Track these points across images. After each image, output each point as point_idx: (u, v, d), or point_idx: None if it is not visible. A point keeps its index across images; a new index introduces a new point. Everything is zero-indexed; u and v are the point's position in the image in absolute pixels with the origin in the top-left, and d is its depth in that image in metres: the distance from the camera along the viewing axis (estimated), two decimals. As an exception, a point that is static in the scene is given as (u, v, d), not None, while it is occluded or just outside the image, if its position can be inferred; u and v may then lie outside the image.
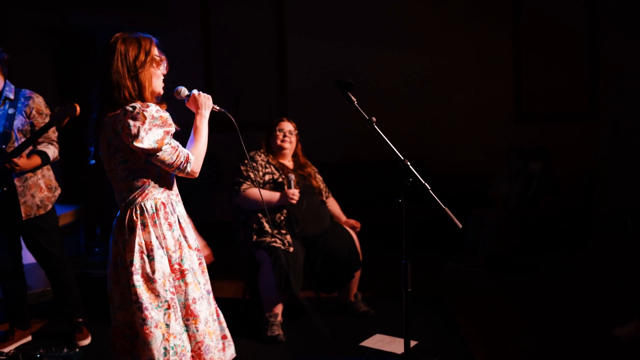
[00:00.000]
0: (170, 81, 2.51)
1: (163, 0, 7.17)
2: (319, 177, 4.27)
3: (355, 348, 3.59)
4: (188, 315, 2.32)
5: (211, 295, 2.46)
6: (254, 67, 7.27)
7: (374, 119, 2.37)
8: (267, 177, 3.94)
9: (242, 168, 3.94)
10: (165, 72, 2.43)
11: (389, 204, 6.32)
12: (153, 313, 2.23)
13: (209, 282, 2.47)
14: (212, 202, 7.12)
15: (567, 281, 4.81)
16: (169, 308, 2.26)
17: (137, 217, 2.27)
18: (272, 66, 7.28)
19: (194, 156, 2.32)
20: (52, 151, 3.59)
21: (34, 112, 3.58)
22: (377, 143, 6.69)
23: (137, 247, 2.25)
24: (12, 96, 3.60)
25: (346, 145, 7.07)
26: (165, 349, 2.24)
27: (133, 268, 2.24)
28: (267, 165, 4.00)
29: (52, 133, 3.65)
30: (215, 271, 4.84)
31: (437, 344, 3.65)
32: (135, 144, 2.19)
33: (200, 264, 2.43)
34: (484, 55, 6.95)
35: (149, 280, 2.24)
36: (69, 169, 6.36)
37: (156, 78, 2.37)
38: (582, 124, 6.95)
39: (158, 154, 2.23)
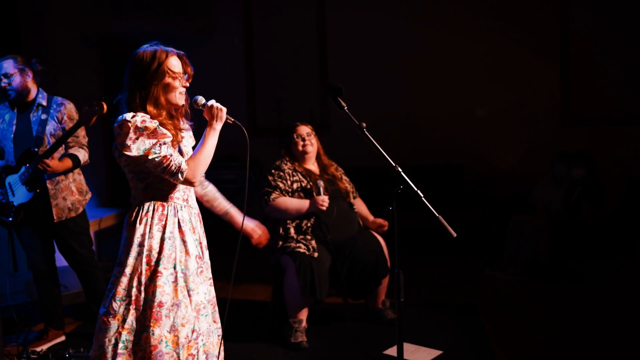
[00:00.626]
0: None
1: (208, 7, 7.28)
2: (345, 179, 4.22)
3: (379, 356, 3.53)
4: (151, 317, 2.30)
5: (208, 308, 2.44)
6: (296, 72, 7.29)
7: (364, 124, 2.32)
8: (295, 186, 3.92)
9: (270, 178, 3.93)
10: (184, 84, 2.45)
11: (423, 209, 6.27)
12: (115, 305, 2.32)
13: (211, 293, 2.48)
14: (253, 205, 7.15)
15: (611, 292, 4.60)
16: (130, 304, 2.31)
17: (133, 215, 2.39)
18: (314, 70, 7.28)
19: (189, 165, 2.32)
20: (83, 155, 3.69)
21: (65, 118, 3.68)
22: (421, 147, 6.74)
23: (123, 241, 2.39)
24: (44, 103, 3.72)
25: (387, 150, 6.96)
26: (116, 339, 2.29)
27: (118, 260, 2.38)
28: (294, 173, 3.97)
29: (83, 138, 3.75)
30: (252, 274, 4.90)
31: (462, 355, 3.54)
32: (124, 151, 2.28)
33: (201, 272, 2.43)
34: (529, 52, 6.74)
35: (121, 274, 2.34)
36: (112, 172, 6.53)
37: (171, 90, 2.39)
38: (631, 128, 6.64)
39: (146, 162, 2.29)
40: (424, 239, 5.87)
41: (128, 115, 2.30)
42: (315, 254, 3.73)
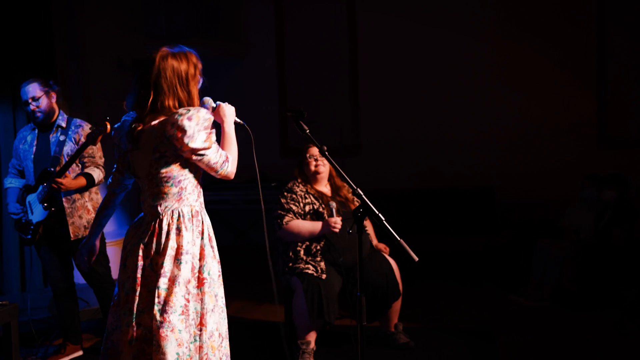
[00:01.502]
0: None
1: (241, 30, 7.42)
2: (357, 201, 4.20)
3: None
4: (201, 325, 2.35)
5: (224, 312, 2.48)
6: (327, 93, 7.33)
7: (325, 147, 2.33)
8: (307, 208, 3.93)
9: (283, 200, 3.96)
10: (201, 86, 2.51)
11: (452, 232, 6.18)
12: (171, 317, 2.26)
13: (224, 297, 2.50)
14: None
15: None
16: (182, 314, 2.29)
17: (173, 222, 2.35)
18: (345, 91, 7.30)
19: (232, 158, 2.43)
20: (97, 174, 3.80)
21: (82, 139, 3.81)
22: (451, 168, 6.65)
23: (169, 251, 2.31)
24: (64, 124, 3.86)
25: (418, 172, 6.92)
26: (177, 354, 2.26)
27: (162, 271, 2.29)
28: (307, 196, 3.99)
29: (99, 158, 3.87)
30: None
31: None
32: (190, 144, 2.27)
33: (219, 276, 2.47)
34: (565, 72, 6.57)
35: (174, 284, 2.29)
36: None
37: (197, 91, 2.45)
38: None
39: (207, 152, 2.32)
40: (449, 262, 5.79)
41: (191, 108, 2.31)
42: (324, 276, 3.72)
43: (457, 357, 3.85)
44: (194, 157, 2.33)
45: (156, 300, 2.28)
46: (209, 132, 2.33)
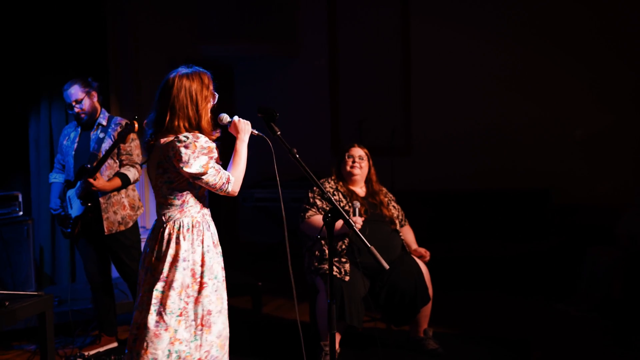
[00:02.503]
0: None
1: (293, 30, 7.45)
2: (393, 206, 4.13)
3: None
4: (201, 325, 2.51)
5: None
6: (379, 93, 7.26)
7: (295, 150, 2.28)
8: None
9: (310, 195, 3.95)
10: (214, 104, 2.63)
11: (500, 236, 5.98)
12: (166, 318, 2.45)
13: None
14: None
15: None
16: (180, 315, 2.47)
17: (173, 231, 2.51)
18: (397, 91, 7.20)
19: (234, 177, 2.55)
20: (133, 173, 3.90)
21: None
22: (506, 169, 6.43)
23: (168, 258, 2.49)
24: (104, 122, 3.98)
25: (469, 174, 6.74)
26: (169, 351, 2.45)
27: (161, 275, 2.48)
28: (336, 193, 3.96)
29: (137, 157, 3.96)
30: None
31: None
32: (185, 168, 2.44)
33: (223, 280, 2.61)
34: (633, 72, 6.22)
35: (170, 288, 2.47)
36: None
37: (209, 109, 2.58)
38: None
39: (204, 176, 2.47)
40: (495, 268, 5.60)
41: (189, 136, 2.46)
42: (347, 278, 3.68)
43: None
44: (192, 179, 2.49)
45: (153, 301, 2.46)
46: (209, 158, 2.47)
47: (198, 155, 2.45)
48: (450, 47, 6.86)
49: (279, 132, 2.36)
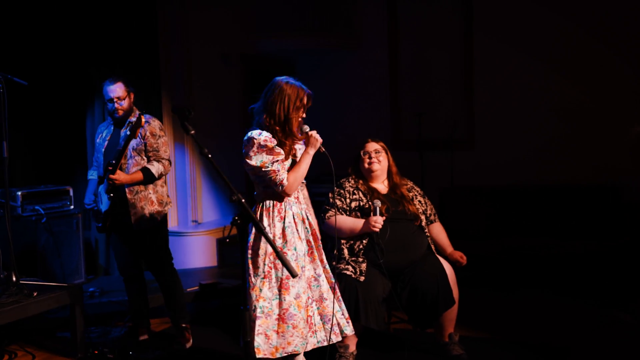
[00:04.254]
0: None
1: (353, 22, 7.33)
2: (419, 200, 3.94)
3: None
4: (281, 287, 2.97)
5: (319, 280, 3.09)
6: (440, 85, 7.02)
7: (207, 150, 2.17)
8: (353, 205, 3.78)
9: (330, 195, 3.85)
10: (304, 115, 3.09)
11: (563, 234, 5.60)
12: (253, 279, 2.99)
13: (319, 268, 3.11)
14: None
15: None
16: (264, 277, 2.98)
17: (259, 209, 3.06)
18: (458, 83, 6.92)
19: (289, 181, 2.99)
20: (157, 168, 3.95)
21: (147, 134, 3.98)
22: (572, 168, 6.03)
23: (254, 231, 3.02)
24: (134, 120, 4.06)
25: (536, 170, 6.38)
26: (255, 306, 2.96)
27: (248, 244, 3.02)
28: (355, 192, 3.83)
29: (164, 152, 4.02)
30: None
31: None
32: (246, 160, 2.97)
33: (311, 253, 3.09)
34: None
35: (255, 254, 3.00)
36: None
37: (297, 121, 3.05)
38: None
39: (259, 173, 2.96)
40: (554, 268, 5.26)
41: (255, 133, 2.97)
42: (362, 278, 3.55)
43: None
44: (251, 173, 3.02)
45: (246, 266, 2.99)
46: (270, 157, 2.93)
47: (257, 151, 2.93)
48: (515, 37, 6.51)
49: (192, 132, 2.27)
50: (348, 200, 3.80)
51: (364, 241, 3.68)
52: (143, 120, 3.72)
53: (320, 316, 3.09)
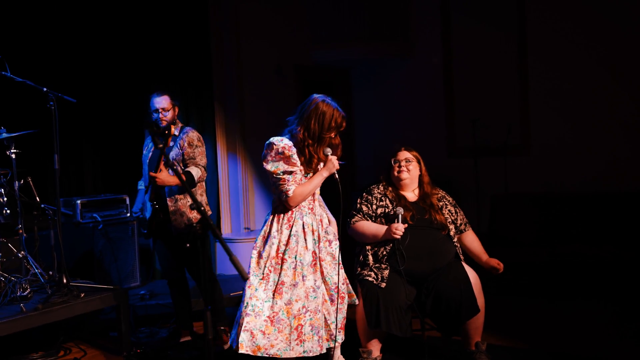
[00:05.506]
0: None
1: (407, 29, 7.37)
2: (449, 210, 3.94)
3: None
4: (275, 291, 3.14)
5: (317, 292, 3.19)
6: (495, 90, 6.93)
7: (175, 163, 2.26)
8: (379, 211, 3.84)
9: (358, 200, 3.92)
10: (335, 139, 3.31)
11: (607, 242, 5.39)
12: (251, 278, 3.17)
13: (319, 280, 3.23)
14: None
15: None
16: (262, 279, 3.16)
17: (272, 215, 3.27)
18: (514, 88, 6.80)
19: (294, 193, 3.16)
20: (196, 172, 4.14)
21: (185, 144, 4.21)
22: (630, 175, 5.81)
23: (262, 233, 3.27)
24: (177, 133, 4.31)
25: (592, 177, 6.18)
26: (247, 303, 3.12)
27: (255, 245, 3.27)
28: (383, 198, 3.88)
29: (200, 160, 4.23)
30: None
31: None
32: (263, 163, 3.20)
33: (314, 264, 3.21)
34: None
35: (259, 255, 3.22)
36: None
37: (329, 138, 3.26)
38: None
39: (271, 178, 3.19)
40: (597, 276, 5.08)
41: (277, 139, 3.18)
42: (383, 284, 3.60)
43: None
44: (269, 176, 3.22)
45: (249, 264, 3.24)
46: (284, 166, 3.13)
47: (274, 157, 3.15)
48: (569, 44, 6.35)
49: (160, 145, 2.40)
50: (374, 207, 3.86)
51: (388, 247, 3.73)
52: (173, 129, 3.95)
53: (311, 327, 3.15)
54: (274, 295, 3.12)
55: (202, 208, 2.28)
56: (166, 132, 3.93)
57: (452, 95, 7.22)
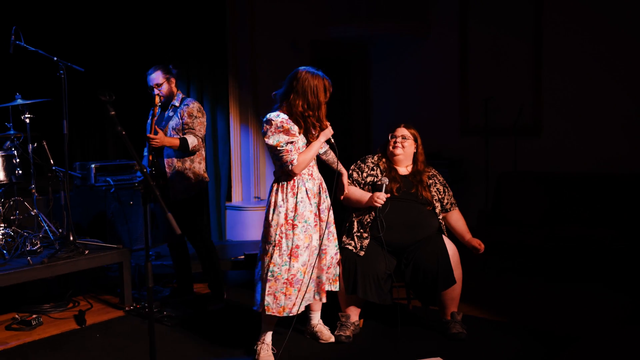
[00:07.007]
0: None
1: (424, 8, 7.39)
2: (438, 189, 4.03)
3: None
4: (291, 255, 3.38)
5: (319, 249, 3.51)
6: (509, 71, 6.92)
7: (120, 127, 2.43)
8: (368, 179, 3.97)
9: (352, 167, 4.06)
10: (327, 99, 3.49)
11: (613, 225, 5.39)
12: (266, 246, 3.43)
13: (323, 238, 3.53)
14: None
15: None
16: (275, 246, 3.38)
17: (275, 185, 3.47)
18: (528, 69, 6.78)
19: (298, 161, 3.36)
20: (192, 140, 4.33)
21: (185, 114, 4.41)
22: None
23: (270, 203, 3.46)
24: (177, 104, 4.51)
25: (609, 155, 6.17)
26: (266, 270, 3.38)
27: (265, 216, 3.48)
28: (375, 168, 4.01)
29: (198, 131, 4.42)
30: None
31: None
32: (265, 139, 3.39)
33: (316, 225, 3.48)
34: None
35: (268, 225, 3.43)
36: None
37: (325, 105, 3.47)
38: None
39: (274, 152, 3.35)
40: (595, 259, 5.13)
41: (274, 115, 3.37)
42: (362, 253, 3.77)
43: (504, 355, 3.56)
44: (270, 151, 3.42)
45: (262, 234, 3.52)
46: (285, 138, 3.32)
47: (275, 131, 3.33)
48: (586, 21, 6.30)
49: (112, 112, 2.57)
50: (364, 174, 4.00)
51: (372, 215, 3.87)
52: (157, 100, 4.21)
53: (313, 280, 3.53)
54: (290, 259, 3.36)
55: (145, 170, 2.48)
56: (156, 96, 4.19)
57: (467, 75, 7.24)
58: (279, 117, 3.35)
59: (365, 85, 8.00)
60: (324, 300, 3.65)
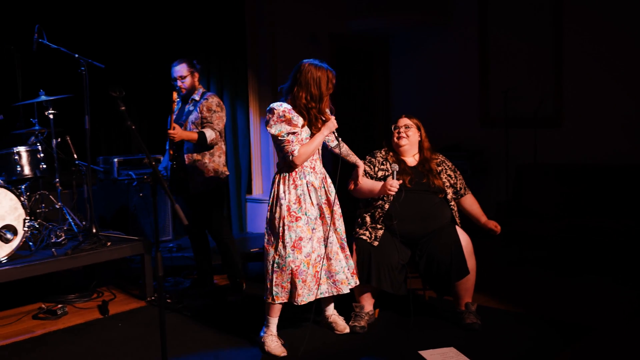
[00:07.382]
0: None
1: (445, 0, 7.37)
2: (449, 175, 4.06)
3: (410, 354, 3.47)
4: (294, 247, 3.42)
5: (328, 241, 3.54)
6: (529, 61, 6.86)
7: (130, 122, 2.49)
8: (380, 174, 4.02)
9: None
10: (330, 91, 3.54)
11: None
12: (270, 238, 3.51)
13: (330, 231, 3.55)
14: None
15: None
16: (279, 238, 3.43)
17: (277, 177, 3.51)
18: (548, 60, 6.72)
19: (299, 152, 3.38)
20: (210, 133, 4.42)
21: (204, 108, 4.50)
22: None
23: (273, 195, 3.51)
24: (197, 98, 4.60)
25: (630, 146, 6.11)
26: (272, 261, 3.46)
27: (268, 207, 3.53)
28: (384, 162, 4.06)
29: (217, 125, 4.50)
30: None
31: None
32: (267, 128, 3.42)
33: (322, 217, 3.54)
34: None
35: (272, 217, 3.48)
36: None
37: (328, 97, 3.55)
38: None
39: (276, 141, 3.41)
40: (614, 252, 5.09)
41: (277, 104, 3.42)
42: (376, 243, 3.81)
43: (518, 344, 3.57)
44: (273, 141, 3.46)
45: (265, 226, 3.59)
46: (287, 128, 3.35)
47: (277, 121, 3.36)
48: (606, 9, 6.22)
49: (122, 107, 2.64)
50: (376, 169, 4.04)
51: (385, 207, 3.91)
52: (174, 96, 4.28)
53: (327, 272, 3.56)
54: (293, 251, 3.40)
55: (154, 163, 2.56)
56: (174, 92, 4.28)
57: (487, 66, 7.20)
58: (281, 106, 3.40)
59: (385, 77, 8.00)
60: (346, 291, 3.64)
